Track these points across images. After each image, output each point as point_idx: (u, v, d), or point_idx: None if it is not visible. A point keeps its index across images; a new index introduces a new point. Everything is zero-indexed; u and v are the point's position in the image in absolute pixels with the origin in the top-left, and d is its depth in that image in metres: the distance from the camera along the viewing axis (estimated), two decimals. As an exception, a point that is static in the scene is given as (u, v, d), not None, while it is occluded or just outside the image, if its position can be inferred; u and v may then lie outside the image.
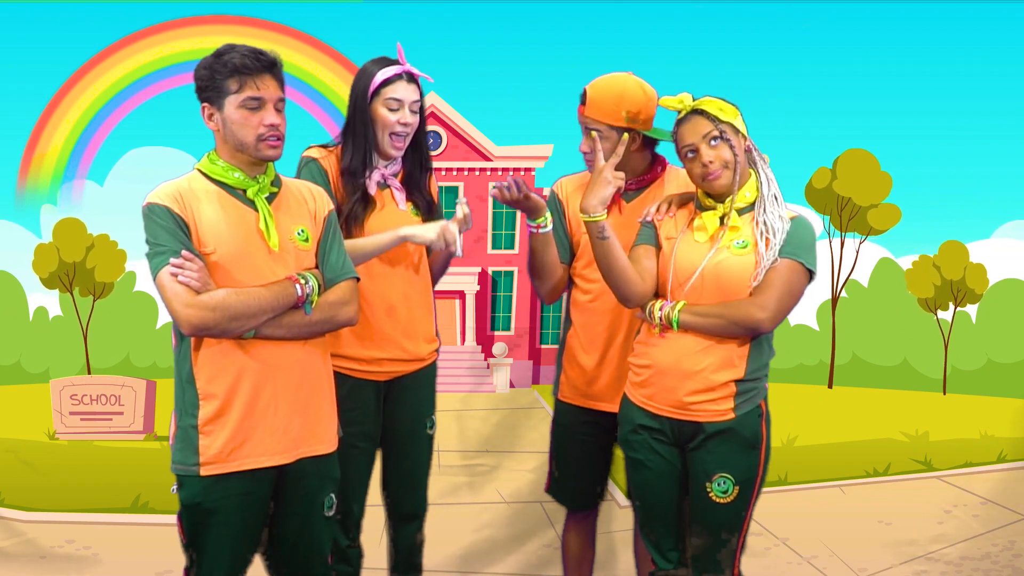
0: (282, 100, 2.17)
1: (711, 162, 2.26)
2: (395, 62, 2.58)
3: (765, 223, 2.28)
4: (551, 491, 2.88)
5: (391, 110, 2.56)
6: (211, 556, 2.17)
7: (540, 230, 2.63)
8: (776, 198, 2.32)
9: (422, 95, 2.62)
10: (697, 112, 2.28)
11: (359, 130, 2.58)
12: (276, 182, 2.25)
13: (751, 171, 2.34)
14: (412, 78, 2.58)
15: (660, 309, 2.32)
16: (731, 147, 2.26)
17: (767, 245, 2.26)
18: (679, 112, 2.33)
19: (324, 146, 2.66)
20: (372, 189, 2.59)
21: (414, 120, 2.58)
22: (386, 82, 2.57)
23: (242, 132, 2.13)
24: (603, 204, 2.35)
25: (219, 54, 2.13)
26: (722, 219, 2.32)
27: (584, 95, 2.56)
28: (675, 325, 2.30)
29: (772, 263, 2.26)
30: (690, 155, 2.30)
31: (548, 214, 2.62)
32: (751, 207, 2.33)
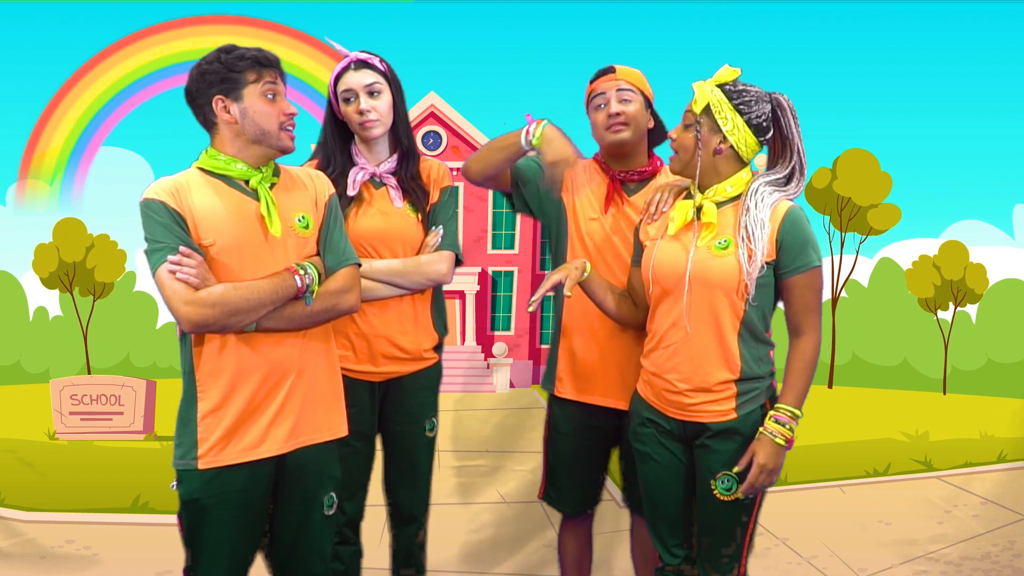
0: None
1: (673, 140, 2.33)
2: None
3: (746, 227, 2.25)
4: (547, 498, 2.84)
5: (346, 101, 2.57)
6: (210, 552, 2.17)
7: (530, 144, 2.46)
8: (764, 200, 2.27)
9: (389, 77, 2.60)
10: (700, 85, 2.29)
11: (328, 138, 2.64)
12: (276, 171, 2.26)
13: (745, 170, 2.33)
14: (361, 64, 2.57)
15: (780, 424, 2.29)
16: (696, 139, 2.27)
17: (749, 256, 2.24)
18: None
19: (309, 159, 2.70)
20: (352, 189, 2.59)
21: (376, 103, 2.57)
22: (337, 79, 2.59)
23: (265, 120, 2.14)
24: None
25: (227, 51, 2.14)
26: (698, 211, 2.31)
27: (610, 67, 2.58)
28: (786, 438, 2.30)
29: (780, 276, 2.28)
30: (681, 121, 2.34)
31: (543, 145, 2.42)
32: (731, 201, 2.31)
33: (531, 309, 2.31)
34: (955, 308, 15.04)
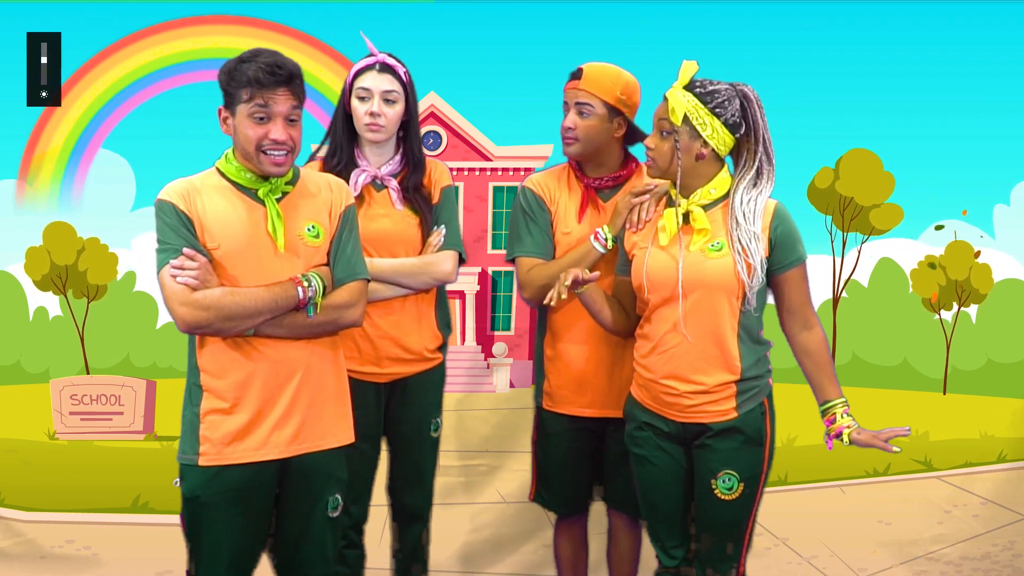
0: (296, 111, 2.14)
1: (650, 149, 2.29)
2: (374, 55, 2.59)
3: (739, 240, 2.25)
4: (538, 499, 2.83)
5: (361, 99, 2.56)
6: (210, 550, 2.17)
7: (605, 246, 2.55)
8: (752, 211, 2.27)
9: (407, 86, 2.60)
10: (673, 95, 2.26)
11: (337, 129, 2.62)
12: (293, 180, 2.23)
13: (724, 169, 2.32)
14: (386, 68, 2.56)
15: (842, 433, 2.38)
16: (675, 146, 2.25)
17: (748, 269, 2.24)
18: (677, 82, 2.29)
19: (309, 159, 2.69)
20: (353, 191, 2.58)
21: (389, 110, 2.56)
22: (358, 74, 2.58)
23: (246, 142, 2.13)
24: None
25: (242, 60, 2.12)
26: (686, 216, 2.30)
27: (579, 71, 2.53)
28: (846, 438, 2.39)
29: (773, 273, 2.29)
30: (653, 130, 2.32)
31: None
32: (717, 202, 2.31)
33: (554, 302, 2.31)
34: (959, 308, 15.00)
